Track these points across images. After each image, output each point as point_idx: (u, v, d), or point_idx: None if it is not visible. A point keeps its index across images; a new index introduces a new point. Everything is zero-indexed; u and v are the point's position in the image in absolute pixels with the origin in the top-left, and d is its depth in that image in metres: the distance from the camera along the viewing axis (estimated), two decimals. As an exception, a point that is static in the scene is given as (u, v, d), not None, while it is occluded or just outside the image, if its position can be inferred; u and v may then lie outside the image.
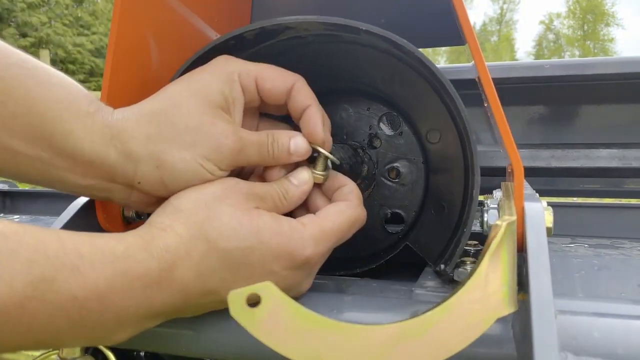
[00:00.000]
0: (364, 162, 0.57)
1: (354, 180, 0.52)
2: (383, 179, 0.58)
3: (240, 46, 0.49)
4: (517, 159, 0.37)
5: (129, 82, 0.50)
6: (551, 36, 33.54)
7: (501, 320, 0.36)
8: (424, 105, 0.52)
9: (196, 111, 0.42)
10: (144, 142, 0.42)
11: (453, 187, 0.51)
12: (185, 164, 0.42)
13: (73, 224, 0.49)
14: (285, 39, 0.50)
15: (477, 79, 0.56)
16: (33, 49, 10.39)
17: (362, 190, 0.58)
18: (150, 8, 0.52)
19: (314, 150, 0.47)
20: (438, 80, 0.44)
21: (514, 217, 0.35)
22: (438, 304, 0.32)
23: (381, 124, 0.57)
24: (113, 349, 0.40)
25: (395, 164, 0.57)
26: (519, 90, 0.74)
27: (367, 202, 0.58)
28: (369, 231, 0.58)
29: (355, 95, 0.57)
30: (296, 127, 0.48)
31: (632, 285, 0.49)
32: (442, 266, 0.47)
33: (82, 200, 0.51)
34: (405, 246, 0.54)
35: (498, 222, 0.35)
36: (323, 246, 0.43)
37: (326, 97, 0.51)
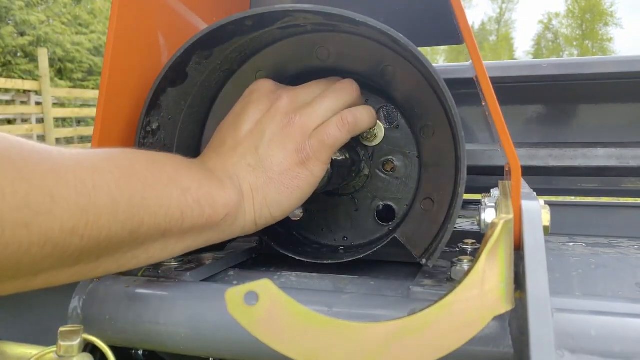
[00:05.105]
0: (361, 158, 0.57)
1: (351, 167, 0.53)
2: (378, 172, 0.58)
3: (238, 32, 0.49)
4: (515, 158, 0.37)
5: (128, 81, 0.50)
6: (550, 36, 33.57)
7: (498, 318, 0.36)
8: (420, 100, 0.53)
9: None
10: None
11: (443, 183, 0.51)
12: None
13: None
14: (284, 27, 0.50)
15: (475, 78, 0.57)
16: (31, 48, 10.37)
17: (357, 182, 0.59)
18: (148, 6, 0.52)
19: None
20: (431, 76, 0.45)
21: (511, 216, 0.35)
22: (435, 302, 0.32)
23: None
24: (111, 348, 0.40)
25: (390, 157, 0.57)
26: (517, 89, 0.74)
27: (361, 194, 0.59)
28: (360, 222, 0.59)
29: None
30: None
31: (629, 284, 0.49)
32: (424, 260, 0.48)
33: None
34: (398, 242, 0.55)
35: (495, 220, 0.35)
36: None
37: None
